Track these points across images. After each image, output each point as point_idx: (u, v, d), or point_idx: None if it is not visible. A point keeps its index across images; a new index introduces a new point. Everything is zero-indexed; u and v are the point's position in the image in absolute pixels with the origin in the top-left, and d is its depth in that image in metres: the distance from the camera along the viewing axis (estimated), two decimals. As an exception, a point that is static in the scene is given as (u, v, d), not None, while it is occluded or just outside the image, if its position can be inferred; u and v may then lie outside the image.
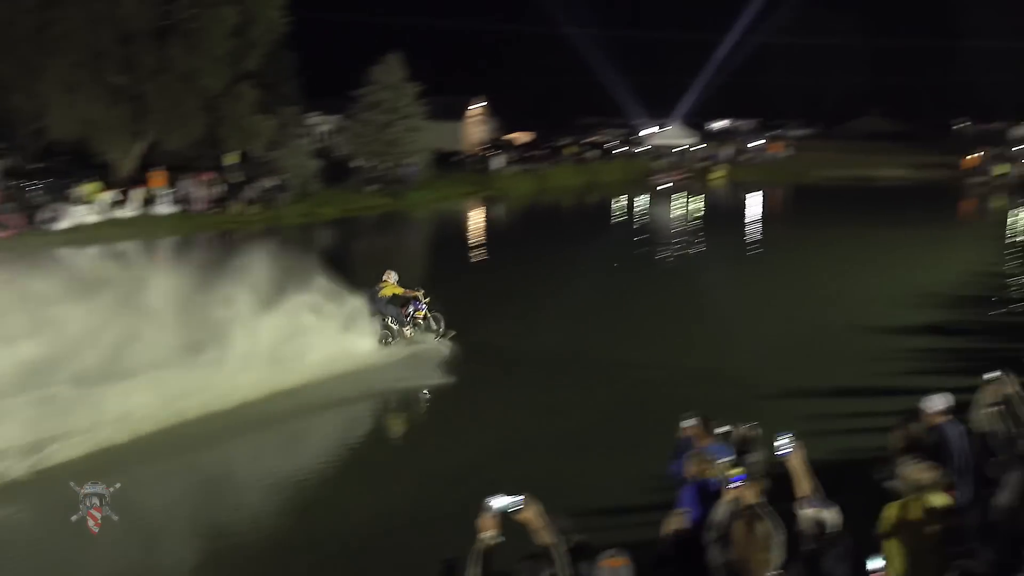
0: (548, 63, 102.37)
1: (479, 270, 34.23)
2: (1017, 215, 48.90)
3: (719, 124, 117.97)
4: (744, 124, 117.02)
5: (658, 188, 64.19)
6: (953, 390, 10.77)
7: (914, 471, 8.10)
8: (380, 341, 20.62)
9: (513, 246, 40.25)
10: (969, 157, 68.29)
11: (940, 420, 9.76)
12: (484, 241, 41.80)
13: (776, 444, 8.12)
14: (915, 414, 9.94)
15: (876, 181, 67.85)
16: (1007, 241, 40.56)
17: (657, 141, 75.11)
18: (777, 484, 8.10)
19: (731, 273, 32.97)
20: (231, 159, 50.11)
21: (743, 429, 10.30)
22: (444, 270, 31.66)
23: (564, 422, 16.82)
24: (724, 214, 55.19)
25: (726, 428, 10.46)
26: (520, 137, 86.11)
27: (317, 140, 63.90)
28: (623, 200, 58.78)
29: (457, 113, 77.88)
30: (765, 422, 10.81)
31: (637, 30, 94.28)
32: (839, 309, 25.73)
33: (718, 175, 67.99)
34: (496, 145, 77.01)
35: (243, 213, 44.94)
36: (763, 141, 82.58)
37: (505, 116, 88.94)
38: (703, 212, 54.74)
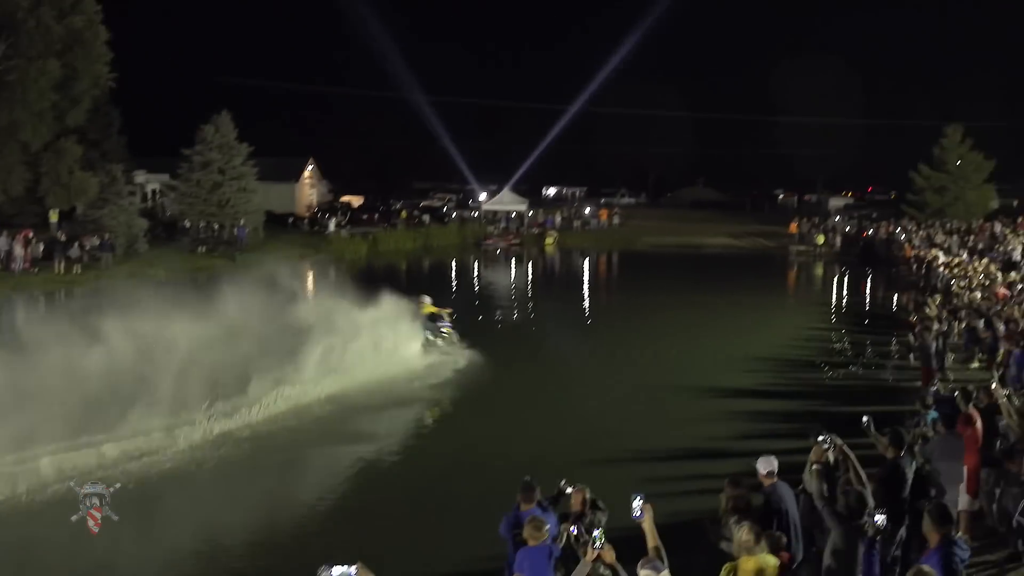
0: (382, 127, 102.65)
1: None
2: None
3: (551, 191, 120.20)
4: (575, 191, 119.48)
5: (490, 252, 64.65)
6: (783, 451, 11.14)
7: (740, 532, 8.36)
8: (422, 346, 27.17)
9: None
10: (792, 225, 71.23)
11: (769, 481, 10.07)
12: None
13: (632, 505, 8.27)
14: (746, 475, 10.23)
15: (703, 248, 69.85)
16: (829, 307, 42.24)
17: (490, 206, 75.80)
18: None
19: (564, 337, 33.26)
20: (55, 216, 48.34)
21: (573, 491, 10.46)
22: (270, 332, 30.96)
23: (404, 485, 16.91)
24: (556, 279, 55.95)
25: (563, 490, 10.63)
26: (354, 200, 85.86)
27: (145, 199, 62.44)
28: (456, 264, 59.08)
29: (290, 175, 77.14)
30: (599, 484, 10.98)
31: (471, 96, 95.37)
32: (670, 372, 26.39)
33: (550, 241, 68.98)
34: (330, 207, 76.59)
35: (66, 272, 43.15)
36: (593, 209, 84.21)
37: (339, 179, 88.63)
38: (536, 277, 55.27)
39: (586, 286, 49.45)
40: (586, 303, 40.15)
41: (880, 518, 8.75)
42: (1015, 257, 36.32)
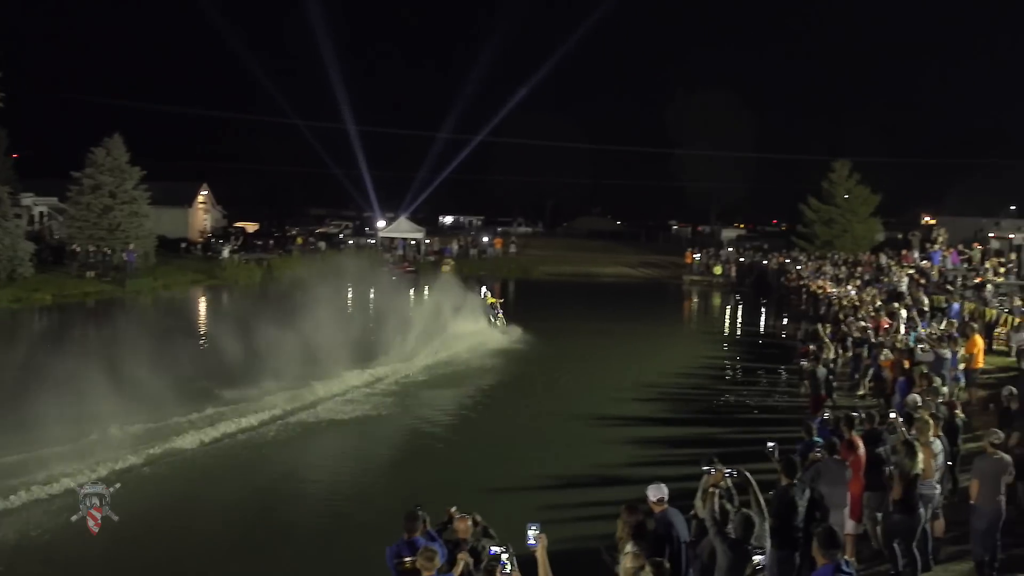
0: (278, 153, 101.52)
1: (200, 358, 32.47)
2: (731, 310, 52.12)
3: (448, 219, 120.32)
4: (472, 220, 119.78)
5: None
6: (676, 478, 11.31)
7: (627, 559, 8.48)
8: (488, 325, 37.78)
9: (238, 334, 39.00)
10: (688, 255, 72.43)
11: (660, 508, 10.21)
12: (207, 329, 40.54)
13: (528, 534, 8.33)
14: (642, 502, 10.36)
15: (599, 278, 70.45)
16: (722, 335, 42.97)
17: (387, 234, 75.55)
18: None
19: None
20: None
21: (458, 519, 10.41)
22: (161, 358, 30.39)
23: (291, 514, 16.71)
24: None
25: (452, 517, 10.54)
26: (249, 226, 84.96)
27: (32, 222, 60.92)
28: (351, 290, 58.62)
29: (183, 199, 76.09)
30: (495, 512, 11.01)
31: (368, 124, 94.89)
32: (566, 400, 26.55)
33: (447, 269, 68.98)
34: (224, 233, 75.66)
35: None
36: (489, 238, 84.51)
37: (234, 204, 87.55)
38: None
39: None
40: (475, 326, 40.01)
41: (758, 558, 8.97)
42: (900, 287, 37.37)
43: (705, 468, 10.62)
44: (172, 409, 21.48)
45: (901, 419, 14.61)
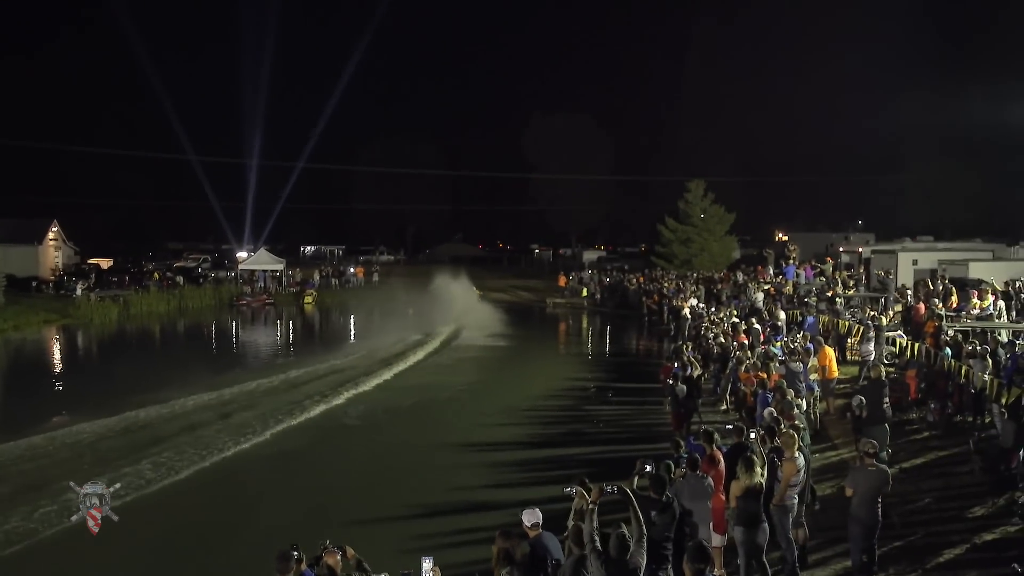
0: (131, 186, 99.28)
1: (57, 401, 31.44)
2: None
3: (310, 249, 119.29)
4: (334, 249, 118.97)
5: (244, 312, 63.30)
6: (549, 500, 11.37)
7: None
8: None
9: (95, 376, 37.94)
10: (562, 278, 73.39)
11: (534, 533, 10.26)
12: (62, 371, 39.33)
13: (423, 568, 8.30)
14: (516, 526, 10.38)
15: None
16: (587, 355, 43.43)
17: (247, 266, 74.31)
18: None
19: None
20: None
21: (326, 553, 10.21)
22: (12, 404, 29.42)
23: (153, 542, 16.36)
24: (315, 337, 54.95)
25: (324, 551, 10.35)
26: (103, 262, 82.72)
27: None
28: (211, 324, 57.64)
29: (33, 237, 73.73)
30: (369, 544, 10.89)
31: (222, 155, 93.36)
32: (434, 428, 26.41)
33: (309, 300, 68.32)
34: (77, 270, 73.47)
35: None
36: (353, 268, 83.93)
37: (87, 240, 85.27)
38: (293, 335, 54.28)
39: (346, 343, 48.88)
40: (344, 359, 39.57)
41: None
42: (758, 304, 38.32)
43: (567, 490, 10.69)
44: None
45: (762, 432, 15.00)
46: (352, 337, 51.58)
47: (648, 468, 12.27)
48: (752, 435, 15.02)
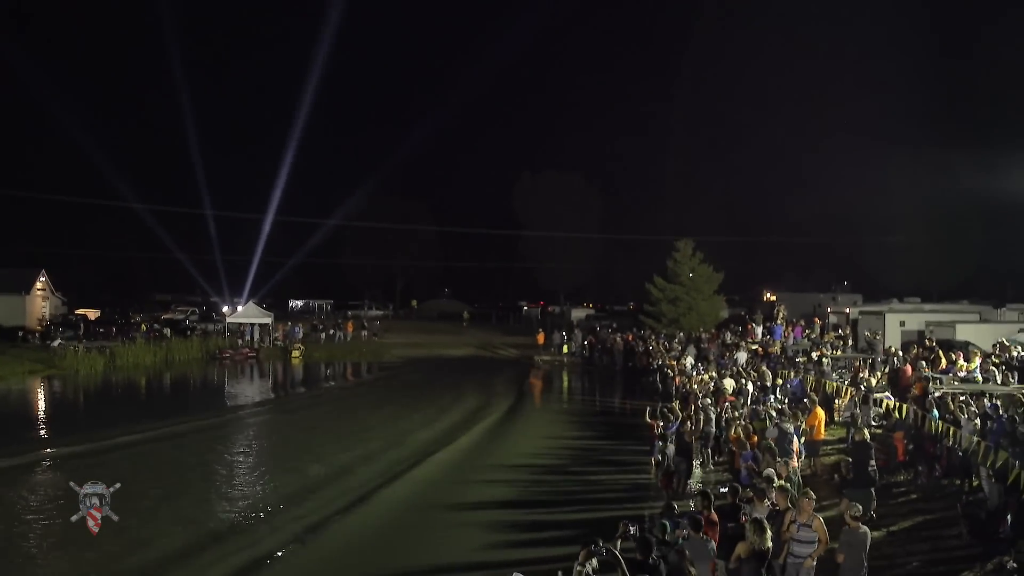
0: (120, 237, 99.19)
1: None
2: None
3: (298, 303, 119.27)
4: (321, 304, 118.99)
5: (228, 365, 63.08)
6: (539, 560, 11.29)
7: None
8: None
9: (79, 427, 37.59)
10: (540, 336, 73.42)
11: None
12: (46, 422, 39.04)
13: None
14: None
15: (451, 357, 70.56)
16: (574, 413, 43.28)
17: (234, 319, 74.05)
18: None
19: (309, 443, 32.34)
20: None
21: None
22: None
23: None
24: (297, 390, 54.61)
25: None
26: (90, 313, 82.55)
27: None
28: (197, 376, 57.43)
29: (20, 286, 73.72)
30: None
31: (211, 208, 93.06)
32: (421, 486, 26.12)
33: (296, 354, 68.05)
34: (64, 320, 73.34)
35: None
36: (341, 321, 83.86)
37: (74, 291, 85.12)
38: (277, 388, 53.89)
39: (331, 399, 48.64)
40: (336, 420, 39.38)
41: None
42: (740, 364, 38.45)
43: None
44: None
45: (750, 492, 14.99)
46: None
47: (632, 530, 12.22)
48: (746, 502, 15.00)
